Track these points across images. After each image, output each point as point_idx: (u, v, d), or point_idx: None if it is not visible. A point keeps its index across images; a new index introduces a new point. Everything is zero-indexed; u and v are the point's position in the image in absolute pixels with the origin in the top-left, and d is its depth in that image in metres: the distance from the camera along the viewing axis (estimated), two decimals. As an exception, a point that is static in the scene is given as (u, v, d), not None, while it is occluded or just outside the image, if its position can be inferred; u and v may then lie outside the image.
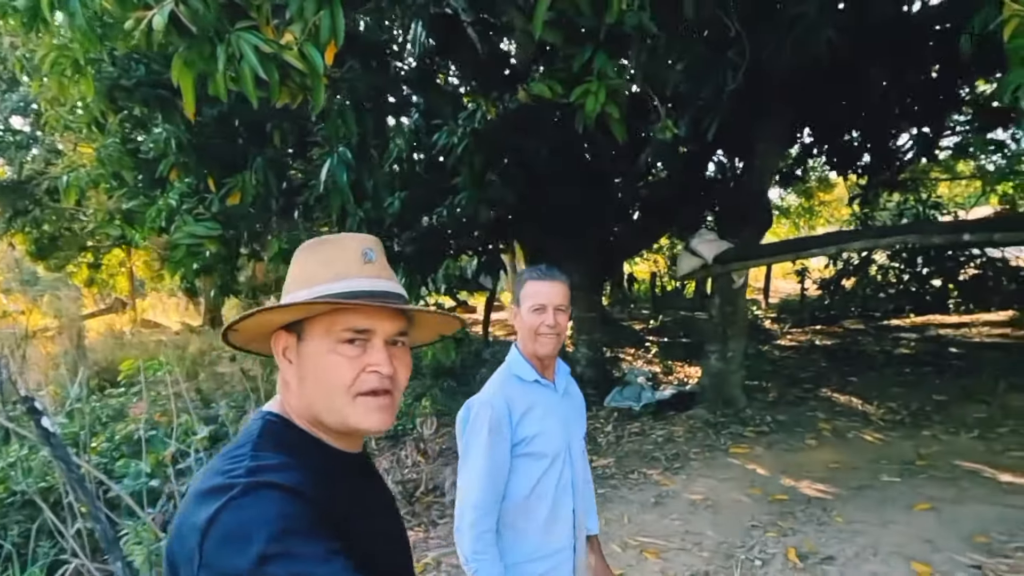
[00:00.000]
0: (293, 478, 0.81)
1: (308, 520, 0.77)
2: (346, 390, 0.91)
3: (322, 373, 0.91)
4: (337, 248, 0.96)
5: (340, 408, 0.91)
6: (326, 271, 0.93)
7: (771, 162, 6.54)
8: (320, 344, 0.92)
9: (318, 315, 0.92)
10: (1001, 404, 6.60)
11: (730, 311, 6.83)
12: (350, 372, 0.91)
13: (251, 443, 0.88)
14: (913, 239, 5.16)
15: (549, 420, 1.66)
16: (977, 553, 3.55)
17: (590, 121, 2.96)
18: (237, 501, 0.76)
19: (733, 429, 6.18)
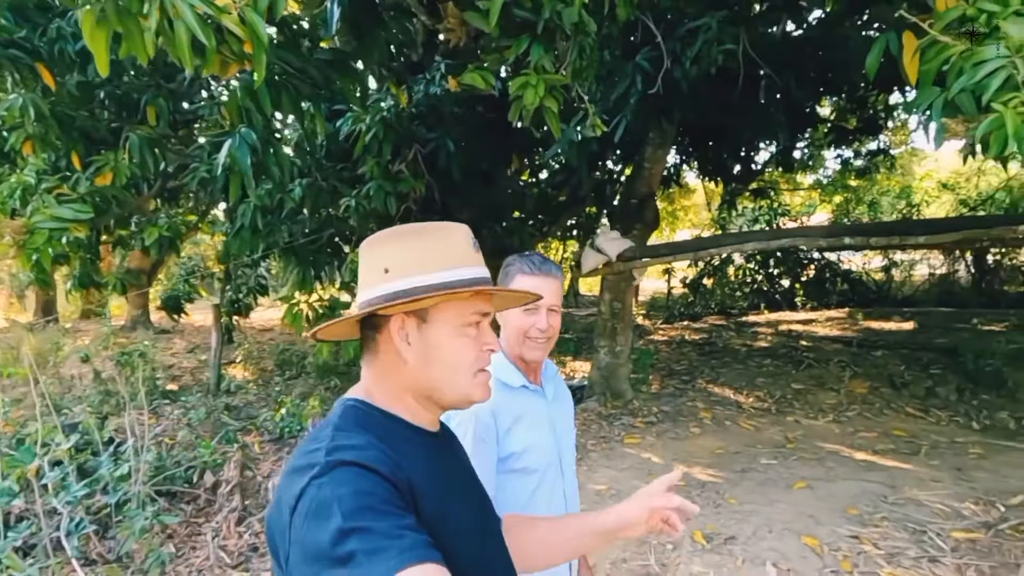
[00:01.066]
0: (371, 456, 0.85)
1: (383, 496, 0.80)
2: (469, 368, 0.99)
3: (451, 354, 0.98)
4: (452, 235, 1.01)
5: (463, 384, 0.99)
6: (451, 257, 0.98)
7: (659, 166, 6.89)
8: (448, 327, 0.98)
9: (452, 300, 0.98)
10: (847, 391, 7.42)
11: (619, 307, 7.12)
12: (475, 352, 1.00)
13: (332, 425, 0.93)
14: (801, 242, 5.66)
15: (539, 431, 1.51)
16: (852, 524, 3.95)
17: (528, 115, 2.95)
18: (318, 480, 0.81)
19: (625, 420, 6.45)
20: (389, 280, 0.96)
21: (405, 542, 0.75)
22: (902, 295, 12.59)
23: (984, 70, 1.85)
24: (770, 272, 13.37)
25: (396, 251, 0.98)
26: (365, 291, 0.99)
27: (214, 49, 1.98)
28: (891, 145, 11.55)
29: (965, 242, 5.51)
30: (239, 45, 2.07)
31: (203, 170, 4.75)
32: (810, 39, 4.58)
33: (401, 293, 0.94)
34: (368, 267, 1.00)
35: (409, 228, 1.01)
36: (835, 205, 14.77)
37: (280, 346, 10.57)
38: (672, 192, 17.08)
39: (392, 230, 1.02)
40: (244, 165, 3.61)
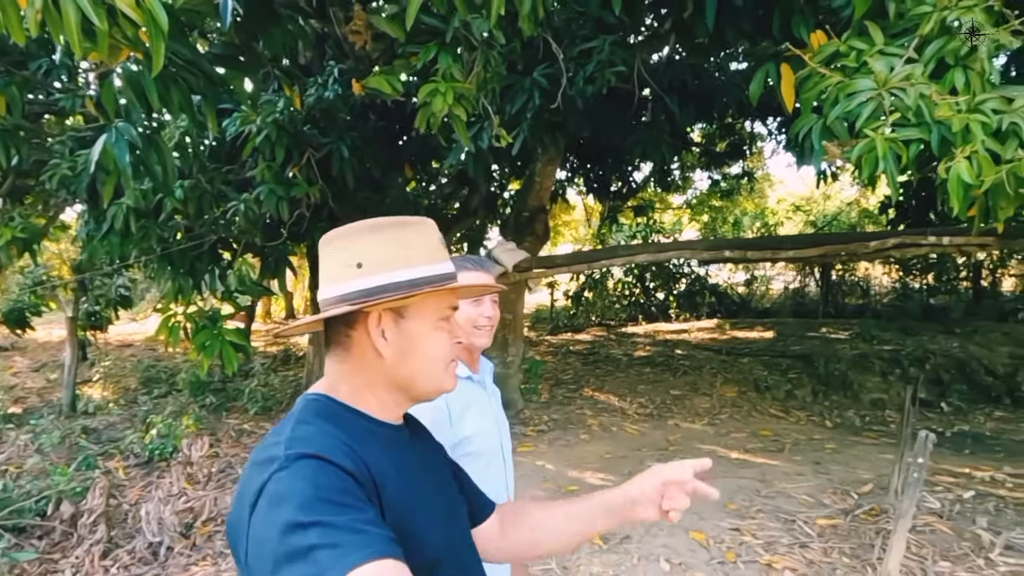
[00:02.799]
0: (332, 448, 0.84)
1: (344, 489, 0.79)
2: (444, 360, 1.02)
3: (430, 347, 1.00)
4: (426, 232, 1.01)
5: (439, 376, 1.02)
6: (425, 253, 0.99)
7: (549, 181, 7.09)
8: (426, 321, 1.00)
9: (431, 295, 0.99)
10: (719, 395, 7.98)
11: (510, 318, 7.23)
12: (449, 343, 1.03)
13: (294, 419, 0.92)
14: (686, 254, 6.01)
15: (485, 418, 1.61)
16: (732, 518, 4.24)
17: (436, 121, 2.94)
18: (278, 474, 0.79)
19: (517, 430, 6.53)
20: (364, 275, 0.95)
21: (365, 537, 0.74)
22: (762, 307, 13.72)
23: (856, 100, 2.10)
24: (646, 285, 14.11)
25: (370, 245, 0.97)
26: (334, 286, 0.97)
27: (106, 32, 1.81)
28: (752, 169, 12.60)
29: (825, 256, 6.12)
30: (133, 30, 1.91)
31: (65, 167, 4.32)
32: (690, 66, 4.93)
33: (383, 288, 0.94)
34: (336, 262, 0.97)
35: (382, 222, 1.00)
36: (703, 223, 15.87)
37: (145, 362, 9.75)
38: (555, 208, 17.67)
39: (363, 224, 1.00)
40: (122, 163, 3.32)
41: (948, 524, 4.04)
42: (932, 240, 4.30)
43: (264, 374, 8.32)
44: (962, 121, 1.96)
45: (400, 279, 0.95)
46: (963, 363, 8.09)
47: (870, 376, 8.17)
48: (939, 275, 11.70)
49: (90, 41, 1.82)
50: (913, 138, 2.05)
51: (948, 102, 2.02)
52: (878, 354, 8.53)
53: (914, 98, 2.03)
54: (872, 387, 8.01)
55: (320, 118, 5.14)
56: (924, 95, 2.04)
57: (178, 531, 4.28)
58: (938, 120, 2.02)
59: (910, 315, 10.80)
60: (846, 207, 14.68)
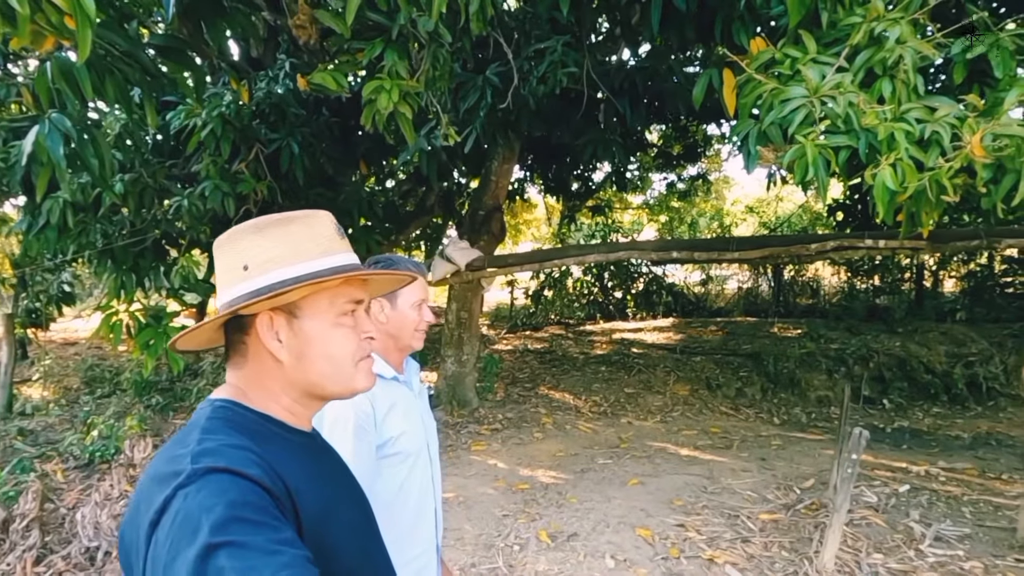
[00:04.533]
0: (244, 460, 0.78)
1: (258, 505, 0.74)
2: (351, 358, 0.95)
3: (329, 346, 0.94)
4: (316, 224, 0.96)
5: (346, 376, 0.95)
6: (315, 246, 0.94)
7: (505, 180, 7.10)
8: (323, 319, 0.94)
9: (322, 290, 0.94)
10: (672, 393, 8.11)
11: (466, 317, 7.22)
12: (354, 341, 0.96)
13: (199, 427, 0.85)
14: (636, 255, 6.08)
15: (411, 418, 1.60)
16: (678, 514, 4.31)
17: (381, 119, 2.91)
18: (184, 489, 0.73)
19: (471, 428, 6.52)
20: (249, 277, 0.90)
21: (282, 559, 0.69)
22: (716, 306, 13.98)
23: (789, 106, 2.16)
24: (605, 285, 14.24)
25: (254, 246, 0.92)
26: (225, 292, 0.93)
27: (27, 17, 1.74)
28: (708, 172, 12.85)
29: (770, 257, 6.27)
30: (58, 16, 1.84)
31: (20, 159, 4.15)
32: (643, 69, 5.00)
33: (263, 289, 0.89)
34: (226, 267, 0.93)
35: (266, 220, 0.94)
36: (661, 224, 16.10)
37: (88, 361, 9.42)
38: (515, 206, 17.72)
39: (249, 224, 0.95)
40: (56, 155, 3.20)
41: (883, 517, 4.19)
42: (869, 243, 4.45)
43: (214, 373, 8.12)
44: (887, 129, 2.04)
45: (285, 276, 0.89)
46: (904, 361, 8.38)
47: (817, 374, 8.40)
48: (884, 276, 12.10)
49: (10, 26, 1.75)
50: (842, 145, 2.12)
51: (875, 110, 2.09)
52: (825, 353, 8.78)
53: (843, 106, 2.09)
54: (818, 385, 8.25)
55: (270, 113, 5.04)
56: (853, 103, 2.11)
57: (116, 535, 4.15)
58: (866, 128, 2.09)
59: (856, 315, 11.15)
60: (798, 210, 15.07)
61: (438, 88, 3.49)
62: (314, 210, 0.99)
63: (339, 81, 3.02)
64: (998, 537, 3.93)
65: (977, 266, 11.24)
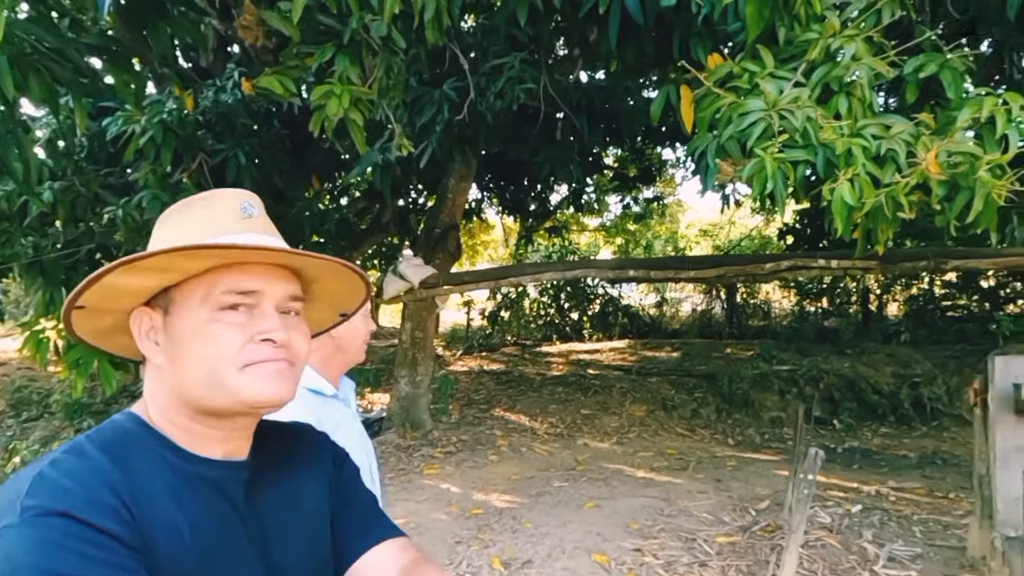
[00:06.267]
0: (87, 499, 0.65)
1: (90, 558, 0.62)
2: (231, 362, 0.75)
3: (200, 347, 0.75)
4: (210, 203, 0.82)
5: (227, 384, 0.75)
6: (201, 229, 0.78)
7: (462, 197, 7.02)
8: (196, 315, 0.76)
9: (192, 280, 0.76)
10: (628, 414, 8.07)
11: (420, 337, 7.06)
12: (235, 340, 0.75)
13: (69, 446, 0.72)
14: (593, 273, 6.04)
15: (353, 439, 1.46)
16: (634, 538, 4.22)
17: (330, 125, 2.79)
18: (14, 530, 0.62)
19: (424, 451, 6.33)
20: None
21: None
22: (671, 327, 14.10)
23: (748, 120, 2.13)
24: (561, 305, 14.23)
25: (157, 231, 0.81)
26: None
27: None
28: (663, 195, 13.04)
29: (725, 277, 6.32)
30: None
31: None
32: (600, 88, 5.01)
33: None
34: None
35: (179, 204, 0.83)
36: (617, 246, 16.25)
37: (17, 382, 8.87)
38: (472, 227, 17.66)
39: (169, 209, 0.84)
40: (-27, 157, 2.98)
41: (837, 538, 4.17)
42: (821, 263, 4.51)
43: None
44: (845, 144, 2.03)
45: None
46: (853, 382, 8.55)
47: (770, 395, 8.49)
48: (832, 299, 12.42)
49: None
50: (800, 159, 2.10)
51: (832, 126, 2.08)
52: (777, 374, 8.89)
53: (801, 120, 2.08)
54: (771, 405, 8.33)
55: (216, 122, 4.86)
56: (811, 118, 2.09)
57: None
58: (823, 143, 2.08)
59: (806, 337, 11.37)
60: (750, 232, 15.41)
61: (392, 98, 3.39)
62: (228, 189, 0.85)
63: (286, 85, 2.89)
64: (949, 556, 3.95)
65: (919, 290, 11.63)
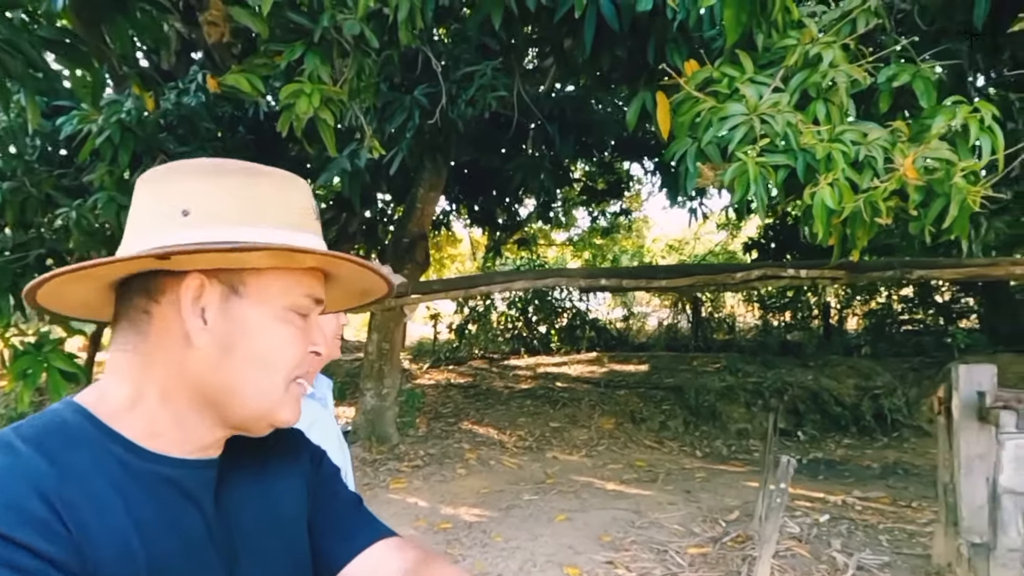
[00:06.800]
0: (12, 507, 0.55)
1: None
2: (288, 372, 0.71)
3: (268, 345, 0.69)
4: (290, 188, 0.72)
5: (271, 393, 0.69)
6: (284, 213, 0.70)
7: (431, 207, 6.94)
8: (270, 307, 0.69)
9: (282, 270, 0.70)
10: (597, 427, 8.04)
11: (387, 348, 6.93)
12: (301, 348, 0.72)
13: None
14: (564, 282, 6.01)
15: (328, 441, 1.38)
16: (606, 551, 4.16)
17: (299, 125, 2.70)
18: None
19: (390, 466, 6.19)
20: (190, 227, 0.65)
21: None
22: (638, 341, 14.18)
23: (729, 124, 2.13)
24: (529, 319, 14.20)
25: (202, 191, 0.67)
26: (141, 238, 0.66)
27: None
28: (630, 209, 13.15)
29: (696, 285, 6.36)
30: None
31: None
32: (573, 98, 5.01)
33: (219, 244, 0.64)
34: (154, 207, 0.67)
35: (222, 163, 0.71)
36: (585, 260, 16.33)
37: (-41, 396, 8.43)
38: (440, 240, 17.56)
39: (194, 162, 0.71)
40: (-87, 152, 2.80)
41: (807, 548, 4.18)
42: (791, 273, 4.56)
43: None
44: (826, 149, 2.03)
45: (241, 238, 0.65)
46: (816, 394, 8.67)
47: (736, 407, 8.56)
48: (795, 314, 12.64)
49: None
50: (781, 163, 2.10)
51: (812, 131, 2.08)
52: (743, 386, 8.97)
53: (782, 125, 2.07)
54: (738, 417, 8.39)
55: (178, 125, 4.71)
56: (791, 123, 2.09)
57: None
58: (803, 147, 2.08)
59: (770, 350, 11.53)
60: (716, 247, 15.64)
61: (363, 100, 3.32)
62: (290, 173, 0.74)
63: (254, 84, 2.79)
64: (915, 564, 3.99)
65: (878, 305, 11.92)
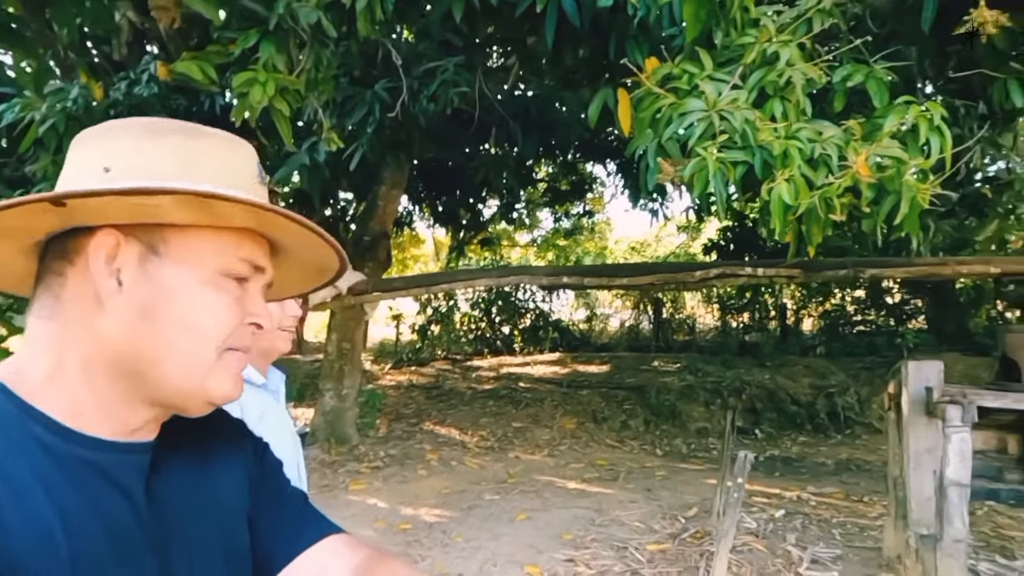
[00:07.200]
0: None
1: None
2: (217, 340, 0.62)
3: (191, 312, 0.61)
4: (230, 148, 0.65)
5: (199, 363, 0.61)
6: (220, 173, 0.62)
7: (393, 205, 6.86)
8: (194, 270, 0.61)
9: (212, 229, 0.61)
10: (559, 427, 8.05)
11: (348, 348, 6.82)
12: (233, 318, 0.63)
13: None
14: (527, 279, 5.99)
15: (280, 433, 1.32)
16: (567, 549, 4.16)
17: (254, 114, 2.63)
18: None
19: (350, 467, 6.09)
20: (110, 182, 0.58)
21: None
22: (601, 342, 14.27)
23: (689, 119, 2.14)
24: (492, 319, 14.17)
25: (136, 146, 0.60)
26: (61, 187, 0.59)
27: None
28: (593, 211, 13.25)
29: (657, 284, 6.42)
30: None
31: None
32: (535, 98, 5.00)
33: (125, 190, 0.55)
34: (78, 163, 0.61)
35: (162, 123, 0.63)
36: (548, 261, 16.39)
37: None
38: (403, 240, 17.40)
39: (133, 120, 0.63)
40: None
41: (763, 542, 4.25)
42: (749, 271, 4.64)
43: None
44: (783, 146, 2.05)
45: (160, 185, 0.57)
46: (773, 393, 8.85)
47: (695, 406, 8.67)
48: (753, 315, 12.90)
49: None
50: (739, 160, 2.12)
51: (769, 128, 2.11)
52: (702, 385, 9.10)
53: (740, 122, 2.09)
54: (697, 416, 8.50)
55: (129, 116, 4.54)
56: (749, 120, 2.11)
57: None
58: (761, 144, 2.11)
59: (729, 350, 11.73)
60: (677, 249, 15.88)
61: (321, 92, 3.25)
62: (235, 137, 0.67)
63: (206, 72, 2.71)
64: (867, 557, 4.08)
65: (832, 306, 12.23)
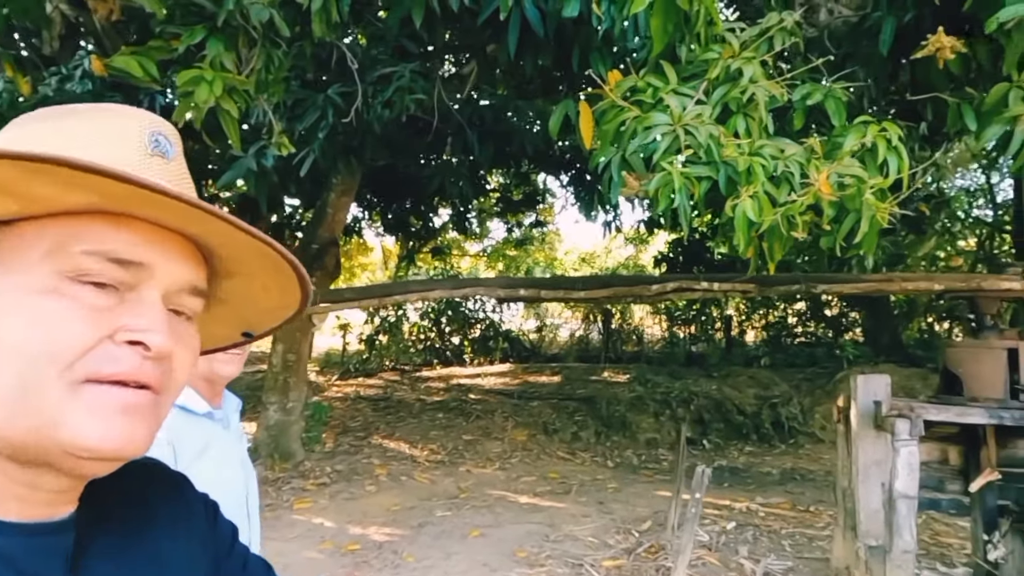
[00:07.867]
0: None
1: None
2: (61, 366, 0.45)
3: (16, 328, 0.44)
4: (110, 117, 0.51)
5: (39, 401, 0.44)
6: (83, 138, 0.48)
7: (343, 213, 6.69)
8: (32, 274, 0.45)
9: (35, 223, 0.46)
10: (510, 439, 7.97)
11: (293, 360, 6.58)
12: (81, 333, 0.45)
13: None
14: (482, 291, 5.91)
15: (227, 467, 1.21)
16: (521, 567, 4.08)
17: (199, 115, 2.47)
18: None
19: (295, 484, 5.86)
20: None
21: None
22: (551, 352, 14.29)
23: (654, 133, 2.11)
24: (442, 329, 14.02)
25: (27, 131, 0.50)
26: None
27: None
28: (544, 221, 13.29)
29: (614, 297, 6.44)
30: None
31: None
32: (492, 107, 4.95)
33: None
34: None
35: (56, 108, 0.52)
36: (498, 271, 16.35)
37: None
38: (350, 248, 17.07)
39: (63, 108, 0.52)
40: None
41: (716, 556, 4.26)
42: (704, 285, 4.69)
43: None
44: (747, 162, 2.05)
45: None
46: (720, 404, 8.99)
47: (645, 417, 8.73)
48: (700, 326, 13.14)
49: None
50: (704, 175, 2.10)
51: (733, 143, 2.10)
52: (651, 396, 9.18)
53: (705, 137, 2.08)
54: (647, 427, 8.55)
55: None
56: (713, 135, 2.10)
57: None
58: (725, 160, 2.10)
59: (677, 360, 11.92)
60: (626, 260, 16.08)
61: (272, 94, 3.11)
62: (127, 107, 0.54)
63: (146, 68, 2.54)
64: (816, 568, 4.14)
65: (775, 318, 12.57)
